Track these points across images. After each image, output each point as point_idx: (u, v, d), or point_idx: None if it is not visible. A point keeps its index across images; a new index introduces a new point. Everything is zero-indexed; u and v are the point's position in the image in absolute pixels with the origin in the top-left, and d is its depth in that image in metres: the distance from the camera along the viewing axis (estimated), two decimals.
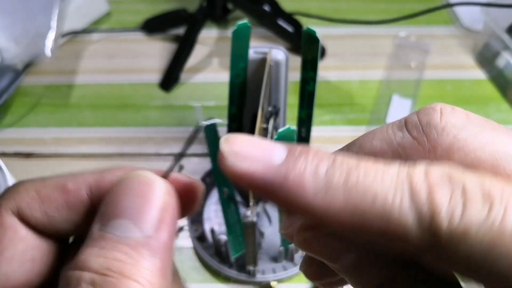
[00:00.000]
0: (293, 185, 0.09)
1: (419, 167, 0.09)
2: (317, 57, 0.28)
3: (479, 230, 0.08)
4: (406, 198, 0.09)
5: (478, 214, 0.08)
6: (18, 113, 0.45)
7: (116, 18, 0.54)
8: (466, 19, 0.51)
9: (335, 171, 0.09)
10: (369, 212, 0.09)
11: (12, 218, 0.11)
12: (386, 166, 0.09)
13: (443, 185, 0.09)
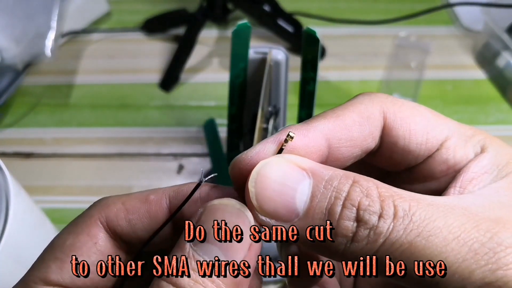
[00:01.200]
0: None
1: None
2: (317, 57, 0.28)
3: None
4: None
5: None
6: (18, 113, 0.45)
7: (116, 18, 0.54)
8: (466, 19, 0.51)
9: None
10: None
11: (97, 228, 0.13)
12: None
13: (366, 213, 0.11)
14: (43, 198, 0.38)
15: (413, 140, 0.13)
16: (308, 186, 0.11)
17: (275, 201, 0.11)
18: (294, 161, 0.12)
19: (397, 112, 0.13)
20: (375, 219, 0.10)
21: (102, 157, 0.41)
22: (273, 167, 0.12)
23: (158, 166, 0.40)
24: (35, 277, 0.12)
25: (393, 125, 0.13)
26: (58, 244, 0.13)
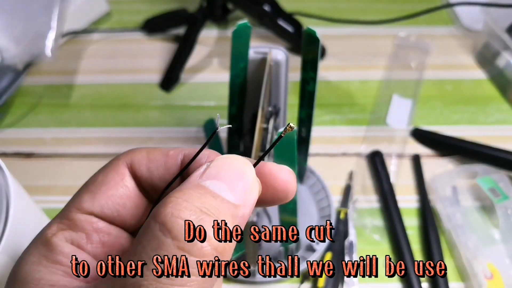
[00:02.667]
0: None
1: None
2: (317, 57, 0.28)
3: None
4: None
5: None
6: (18, 113, 0.45)
7: (116, 18, 0.54)
8: (466, 19, 0.51)
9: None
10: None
11: (124, 168, 0.15)
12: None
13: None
14: (44, 198, 0.38)
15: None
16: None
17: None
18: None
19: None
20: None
21: (103, 157, 0.41)
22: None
23: None
24: (71, 206, 0.14)
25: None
26: (91, 181, 0.15)
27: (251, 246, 0.30)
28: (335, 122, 0.43)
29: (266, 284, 0.33)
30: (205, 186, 0.13)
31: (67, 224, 0.14)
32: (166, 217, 0.11)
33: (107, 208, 0.14)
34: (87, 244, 0.14)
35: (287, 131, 0.14)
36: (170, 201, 0.12)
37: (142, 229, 0.12)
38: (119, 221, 0.14)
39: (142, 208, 0.15)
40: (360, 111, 0.44)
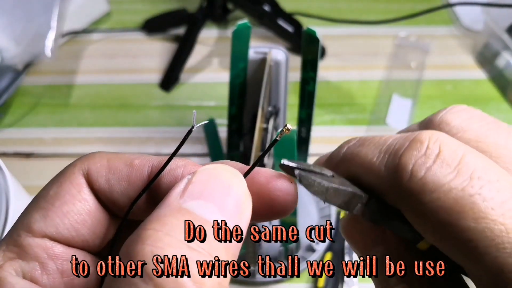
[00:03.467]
0: None
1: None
2: (317, 57, 0.28)
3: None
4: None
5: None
6: (18, 113, 0.45)
7: (116, 18, 0.54)
8: (466, 19, 0.51)
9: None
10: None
11: (81, 177, 0.12)
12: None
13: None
14: None
15: None
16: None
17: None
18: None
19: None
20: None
21: None
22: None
23: None
24: (19, 229, 0.11)
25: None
26: (41, 195, 0.12)
27: (251, 246, 0.30)
28: (335, 122, 0.43)
29: (266, 284, 0.33)
30: (189, 209, 0.10)
31: (15, 252, 0.11)
32: (145, 258, 0.09)
33: (63, 227, 0.11)
34: (42, 275, 0.11)
35: (283, 133, 0.12)
36: (148, 236, 0.09)
37: (113, 272, 0.09)
38: (79, 242, 0.12)
39: (105, 224, 0.12)
40: (360, 111, 0.44)
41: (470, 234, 0.10)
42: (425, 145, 0.11)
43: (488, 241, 0.09)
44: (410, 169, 0.11)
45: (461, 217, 0.10)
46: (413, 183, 0.11)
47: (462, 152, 0.11)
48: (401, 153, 0.11)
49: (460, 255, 0.10)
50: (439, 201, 0.10)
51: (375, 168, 0.12)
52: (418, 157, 0.11)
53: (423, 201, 0.10)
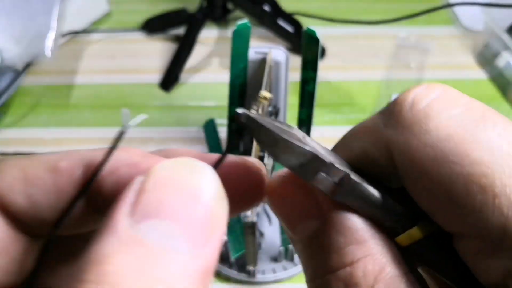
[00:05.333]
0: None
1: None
2: (317, 57, 0.28)
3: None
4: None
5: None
6: (18, 113, 0.45)
7: (116, 18, 0.54)
8: (466, 19, 0.51)
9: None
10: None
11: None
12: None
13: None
14: None
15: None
16: None
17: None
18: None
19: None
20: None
21: None
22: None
23: None
24: None
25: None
26: None
27: (251, 246, 0.30)
28: (335, 122, 0.43)
29: (266, 284, 0.33)
30: (142, 238, 0.07)
31: None
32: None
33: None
34: None
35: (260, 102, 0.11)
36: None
37: None
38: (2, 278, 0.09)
39: (22, 251, 0.09)
40: (360, 111, 0.44)
41: (484, 169, 0.08)
42: (423, 86, 0.09)
43: (501, 186, 0.08)
44: (411, 100, 0.09)
45: (476, 147, 0.08)
46: (415, 111, 0.09)
47: (467, 98, 0.09)
48: (398, 98, 0.09)
49: (463, 199, 0.08)
50: (448, 128, 0.08)
51: (369, 128, 0.10)
52: (418, 92, 0.09)
53: (427, 128, 0.08)
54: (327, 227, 0.09)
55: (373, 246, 0.09)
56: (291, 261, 0.33)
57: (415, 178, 0.09)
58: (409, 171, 0.09)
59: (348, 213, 0.09)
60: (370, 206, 0.09)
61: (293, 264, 0.33)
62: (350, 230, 0.09)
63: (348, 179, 0.09)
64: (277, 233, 0.34)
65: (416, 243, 0.09)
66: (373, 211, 0.09)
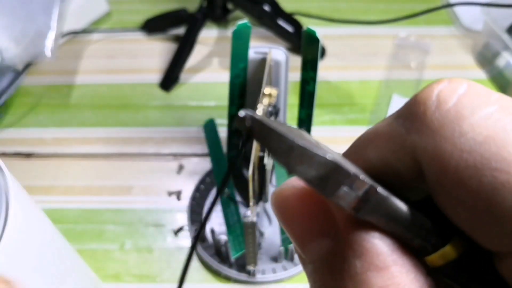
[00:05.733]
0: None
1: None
2: (317, 57, 0.28)
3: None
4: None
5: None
6: (18, 113, 0.45)
7: (116, 18, 0.54)
8: (466, 19, 0.51)
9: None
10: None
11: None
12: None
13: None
14: (44, 198, 0.39)
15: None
16: None
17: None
18: None
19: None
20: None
21: (102, 157, 0.41)
22: None
23: (158, 166, 0.41)
24: None
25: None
26: None
27: (251, 246, 0.30)
28: (335, 122, 0.43)
29: (266, 284, 0.33)
30: None
31: None
32: None
33: None
34: None
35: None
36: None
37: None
38: None
39: None
40: (360, 111, 0.44)
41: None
42: (446, 81, 0.08)
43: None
44: (435, 98, 0.08)
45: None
46: (443, 111, 0.07)
47: (498, 94, 0.08)
48: (417, 96, 0.08)
49: (509, 213, 0.07)
50: (487, 130, 0.07)
51: (385, 133, 0.08)
52: (442, 88, 0.08)
53: (462, 131, 0.07)
54: (344, 249, 0.08)
55: (396, 273, 0.08)
56: (291, 261, 0.33)
57: (450, 189, 0.07)
58: (442, 181, 0.07)
59: (369, 233, 0.08)
60: (397, 223, 0.08)
61: (293, 264, 0.33)
62: (370, 253, 0.08)
63: (375, 193, 0.08)
64: (277, 233, 0.34)
65: (450, 263, 0.08)
66: (400, 228, 0.08)
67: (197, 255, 0.35)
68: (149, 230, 0.37)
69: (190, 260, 0.10)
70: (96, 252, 0.35)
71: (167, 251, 0.35)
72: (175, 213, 0.38)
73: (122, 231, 0.37)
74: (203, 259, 0.34)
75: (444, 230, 0.08)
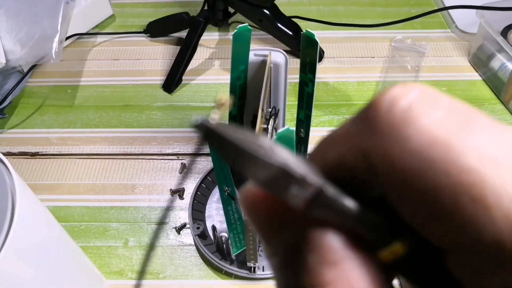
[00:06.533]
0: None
1: None
2: (315, 59, 0.28)
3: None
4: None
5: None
6: (24, 114, 0.46)
7: (119, 22, 0.55)
8: (462, 22, 0.52)
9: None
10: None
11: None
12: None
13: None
14: (49, 196, 0.39)
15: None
16: None
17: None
18: None
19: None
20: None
21: (106, 156, 0.42)
22: None
23: (161, 166, 0.41)
24: None
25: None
26: None
27: (251, 243, 0.31)
28: (333, 122, 0.44)
29: (266, 280, 0.34)
30: None
31: None
32: None
33: None
34: None
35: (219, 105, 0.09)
36: None
37: None
38: None
39: None
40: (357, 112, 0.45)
41: (473, 178, 0.07)
42: (399, 87, 0.08)
43: (493, 197, 0.07)
44: (387, 103, 0.08)
45: (463, 155, 0.07)
46: (392, 115, 0.08)
47: (448, 98, 0.08)
48: (373, 100, 0.08)
49: (452, 212, 0.07)
50: (431, 134, 0.07)
51: (342, 135, 0.09)
52: (394, 93, 0.08)
53: (408, 135, 0.07)
54: (301, 244, 0.09)
55: (347, 268, 0.08)
56: None
57: (398, 189, 0.08)
58: (391, 181, 0.08)
59: (322, 231, 0.08)
60: (348, 220, 0.08)
61: None
62: (323, 249, 0.08)
63: (322, 194, 0.08)
64: None
65: (401, 259, 0.08)
66: (351, 225, 0.08)
67: (199, 252, 0.36)
68: (152, 228, 0.37)
69: None
70: (101, 249, 0.36)
71: (169, 248, 0.36)
72: (178, 211, 0.38)
73: (125, 229, 0.37)
74: (205, 256, 0.35)
75: (396, 228, 0.08)
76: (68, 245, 0.29)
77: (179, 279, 0.35)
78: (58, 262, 0.27)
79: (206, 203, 0.38)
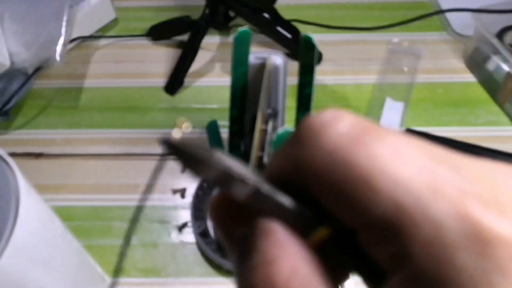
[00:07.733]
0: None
1: None
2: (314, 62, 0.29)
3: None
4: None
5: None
6: (29, 115, 0.47)
7: (122, 25, 0.55)
8: (457, 25, 0.52)
9: None
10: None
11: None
12: None
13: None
14: (53, 196, 0.40)
15: None
16: None
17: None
18: None
19: None
20: None
21: (110, 157, 0.43)
22: None
23: (164, 166, 0.42)
24: None
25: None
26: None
27: None
28: None
29: None
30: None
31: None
32: None
33: None
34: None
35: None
36: None
37: None
38: None
39: None
40: (355, 113, 0.46)
41: (363, 171, 0.09)
42: (319, 113, 0.11)
43: (380, 184, 0.09)
44: (308, 122, 0.10)
45: (356, 155, 0.10)
46: (309, 131, 0.10)
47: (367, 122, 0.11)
48: (300, 124, 0.11)
49: (352, 198, 0.10)
50: (335, 143, 0.10)
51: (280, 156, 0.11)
52: (315, 116, 0.11)
53: (318, 144, 0.10)
54: (252, 232, 0.11)
55: (288, 247, 0.10)
56: None
57: (318, 185, 0.10)
58: (311, 180, 0.10)
59: (267, 220, 0.11)
60: (283, 212, 0.11)
61: None
62: (269, 232, 0.10)
63: (258, 191, 0.11)
64: None
65: (326, 242, 0.10)
66: (287, 216, 0.11)
67: (200, 250, 0.36)
68: (154, 227, 0.38)
69: None
70: (104, 248, 0.37)
71: (171, 247, 0.37)
72: (179, 210, 0.39)
73: (128, 228, 0.38)
74: (206, 254, 0.35)
75: (321, 216, 0.11)
76: (71, 244, 0.29)
77: (180, 277, 0.35)
78: (61, 261, 0.27)
79: (207, 202, 0.38)
